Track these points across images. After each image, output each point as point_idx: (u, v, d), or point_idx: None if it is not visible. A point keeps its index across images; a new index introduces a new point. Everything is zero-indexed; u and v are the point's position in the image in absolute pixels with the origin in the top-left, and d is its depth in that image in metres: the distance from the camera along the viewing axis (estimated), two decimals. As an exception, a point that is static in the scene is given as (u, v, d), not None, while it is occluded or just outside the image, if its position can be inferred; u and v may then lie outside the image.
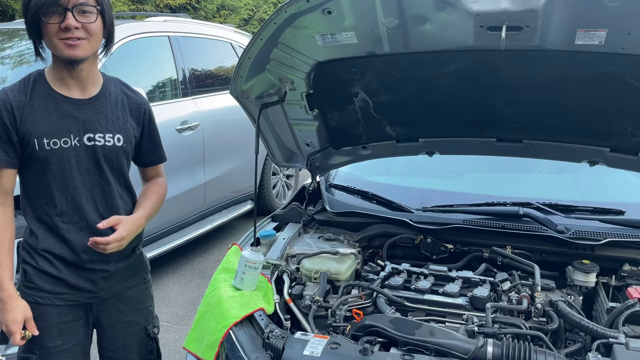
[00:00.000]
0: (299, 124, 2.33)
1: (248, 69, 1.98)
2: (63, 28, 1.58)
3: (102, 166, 1.75)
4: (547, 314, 1.81)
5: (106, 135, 1.73)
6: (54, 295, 1.75)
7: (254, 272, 1.89)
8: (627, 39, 1.64)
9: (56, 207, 1.72)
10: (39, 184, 1.71)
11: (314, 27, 1.83)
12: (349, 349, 1.55)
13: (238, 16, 10.47)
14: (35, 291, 1.74)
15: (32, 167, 1.69)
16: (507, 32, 1.66)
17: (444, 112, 2.21)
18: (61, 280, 1.74)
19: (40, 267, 1.73)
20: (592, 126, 2.11)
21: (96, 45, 1.68)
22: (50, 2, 1.56)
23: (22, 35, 4.18)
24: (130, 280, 1.91)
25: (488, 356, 1.54)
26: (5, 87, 1.68)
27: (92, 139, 1.71)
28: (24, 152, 1.67)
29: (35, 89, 1.67)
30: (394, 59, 1.97)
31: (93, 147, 1.72)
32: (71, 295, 1.77)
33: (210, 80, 4.89)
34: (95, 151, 1.72)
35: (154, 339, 2.01)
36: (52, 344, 1.75)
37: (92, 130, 1.71)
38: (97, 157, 1.73)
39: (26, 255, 1.76)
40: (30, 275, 1.74)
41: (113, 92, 1.80)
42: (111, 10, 1.72)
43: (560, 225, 2.17)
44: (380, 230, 2.36)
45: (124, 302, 1.90)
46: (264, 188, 5.46)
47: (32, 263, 1.74)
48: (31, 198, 1.74)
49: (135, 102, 1.85)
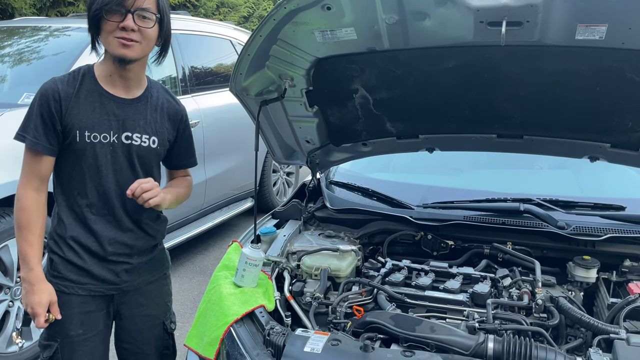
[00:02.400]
0: (299, 120, 2.33)
1: (247, 66, 1.97)
2: (121, 27, 1.66)
3: (135, 165, 1.82)
4: (548, 309, 1.80)
5: (143, 136, 1.81)
6: (78, 285, 1.80)
7: (254, 269, 1.88)
8: (627, 34, 1.63)
9: (87, 198, 1.78)
10: (74, 173, 1.77)
11: (314, 23, 1.82)
12: (349, 345, 1.54)
13: (238, 14, 10.46)
14: (60, 280, 1.80)
15: (69, 157, 1.76)
16: (507, 27, 1.65)
17: (444, 109, 2.21)
18: (85, 271, 1.80)
19: (67, 257, 1.79)
20: (593, 122, 2.10)
21: (148, 50, 1.76)
22: (116, 2, 1.64)
23: (22, 34, 4.17)
24: (151, 274, 1.96)
25: (489, 352, 1.54)
26: (55, 77, 1.74)
27: (130, 137, 1.79)
28: (64, 142, 1.73)
29: (83, 83, 1.74)
30: (393, 55, 1.96)
31: (129, 145, 1.79)
32: (94, 285, 1.82)
33: (210, 77, 4.89)
34: (130, 150, 1.80)
35: (170, 334, 2.06)
36: (73, 333, 1.80)
37: (131, 130, 1.79)
38: (132, 155, 1.80)
39: (53, 244, 1.81)
40: (57, 264, 1.80)
41: (155, 96, 1.87)
42: (170, 21, 1.80)
43: (561, 221, 2.17)
44: (381, 227, 2.36)
45: (144, 295, 1.94)
46: (265, 185, 5.46)
47: (59, 253, 1.79)
48: (64, 187, 1.79)
49: (174, 108, 1.93)
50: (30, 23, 4.50)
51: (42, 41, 4.03)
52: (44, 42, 4.02)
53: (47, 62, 3.79)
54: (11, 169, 2.94)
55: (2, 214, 2.89)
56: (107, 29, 1.68)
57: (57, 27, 4.15)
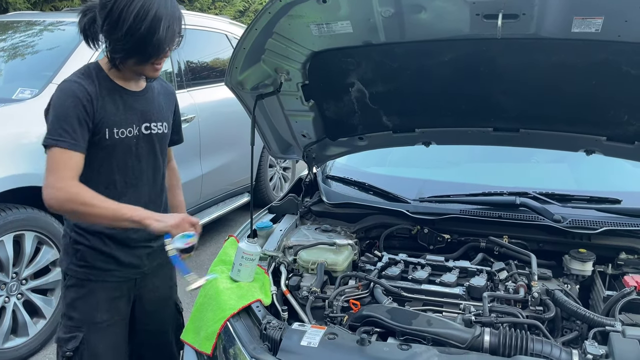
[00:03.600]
0: (295, 115, 2.32)
1: (243, 60, 1.96)
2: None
3: (157, 151, 1.92)
4: (544, 302, 1.81)
5: (158, 123, 1.90)
6: (105, 272, 1.85)
7: (251, 264, 1.88)
8: (623, 27, 1.63)
9: (116, 189, 1.83)
10: (102, 169, 1.81)
11: (309, 17, 1.81)
12: (346, 339, 1.55)
13: (233, 8, 10.41)
14: (87, 269, 1.84)
15: (97, 152, 1.78)
16: (503, 20, 1.64)
17: (440, 102, 2.20)
18: (112, 257, 1.85)
19: (93, 245, 1.83)
20: (589, 115, 2.10)
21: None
22: (163, 50, 1.70)
23: (16, 28, 4.15)
24: (164, 256, 1.97)
25: (485, 345, 1.55)
26: (74, 79, 1.73)
27: (149, 127, 1.87)
28: (91, 139, 1.75)
29: (100, 82, 1.76)
30: (389, 49, 1.96)
31: (150, 135, 1.88)
32: (120, 272, 1.88)
33: (206, 72, 4.87)
34: (152, 138, 1.88)
35: (180, 313, 2.18)
36: (99, 320, 1.85)
37: (149, 120, 1.87)
38: (154, 143, 1.89)
39: (77, 236, 1.83)
40: (83, 253, 1.83)
41: (153, 84, 1.95)
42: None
43: (557, 214, 2.17)
44: (377, 221, 2.36)
45: (160, 277, 2.04)
46: (261, 180, 5.45)
47: (85, 242, 1.83)
48: (90, 180, 1.78)
49: (168, 89, 2.04)
50: (24, 17, 4.47)
51: (37, 36, 4.01)
52: (38, 37, 3.99)
53: (42, 56, 3.78)
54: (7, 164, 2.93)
55: (-2, 209, 2.88)
56: (143, 64, 1.73)
57: (52, 22, 4.13)
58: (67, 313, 1.86)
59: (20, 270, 3.02)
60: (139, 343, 2.04)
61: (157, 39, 1.65)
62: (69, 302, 1.85)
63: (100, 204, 1.68)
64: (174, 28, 1.69)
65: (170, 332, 2.13)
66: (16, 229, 2.95)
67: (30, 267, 3.07)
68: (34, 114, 3.18)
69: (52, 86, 3.31)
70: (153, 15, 1.62)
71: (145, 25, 1.62)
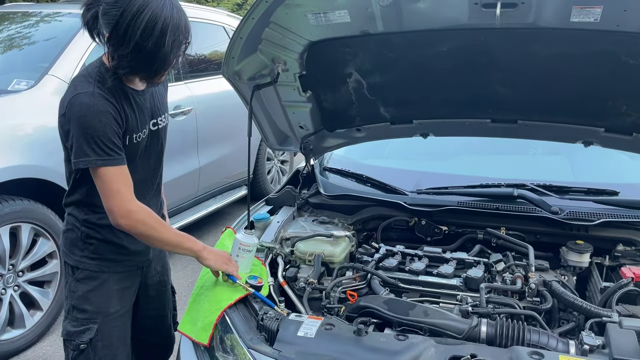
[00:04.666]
0: (292, 106, 2.31)
1: (240, 50, 1.95)
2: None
3: (163, 143, 1.92)
4: (541, 294, 1.81)
5: (162, 116, 1.89)
6: (116, 263, 1.87)
7: (248, 255, 1.88)
8: (622, 16, 1.62)
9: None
10: None
11: (306, 6, 1.80)
12: (343, 329, 1.54)
13: (231, 0, 10.36)
14: (100, 261, 1.84)
15: None
16: (501, 9, 1.64)
17: (438, 93, 2.19)
18: (123, 247, 1.85)
19: (105, 238, 1.83)
20: (587, 106, 2.09)
21: None
22: (170, 67, 1.68)
23: (12, 19, 4.12)
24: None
25: (482, 336, 1.55)
26: (95, 90, 1.64)
27: (156, 123, 1.86)
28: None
29: (113, 88, 1.69)
30: (387, 38, 1.94)
31: (157, 130, 1.87)
32: (129, 261, 1.90)
33: (204, 64, 4.84)
34: (158, 133, 1.88)
35: (174, 294, 2.24)
36: (112, 310, 1.87)
37: (156, 116, 1.85)
38: (161, 136, 1.90)
39: (88, 230, 1.83)
40: (96, 246, 1.83)
41: None
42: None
43: (555, 206, 2.17)
44: (375, 213, 2.35)
45: (159, 263, 2.07)
46: (259, 173, 5.44)
47: (97, 236, 1.82)
48: None
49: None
50: (21, 9, 4.44)
51: (33, 27, 3.98)
52: (34, 28, 3.96)
53: (38, 47, 3.75)
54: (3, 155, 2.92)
55: (-5, 201, 2.87)
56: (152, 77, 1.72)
57: (48, 13, 4.09)
58: (79, 306, 1.84)
59: (17, 262, 3.01)
60: (140, 328, 2.06)
61: (163, 54, 1.59)
62: (81, 295, 1.83)
63: (165, 228, 1.75)
64: (180, 40, 1.62)
65: (168, 316, 2.17)
66: (13, 220, 2.93)
67: (27, 259, 3.06)
68: (30, 105, 3.18)
69: (48, 77, 3.29)
70: (160, 30, 1.55)
71: (152, 42, 1.56)
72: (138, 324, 2.04)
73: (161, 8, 1.56)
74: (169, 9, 1.58)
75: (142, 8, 1.53)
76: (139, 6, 1.53)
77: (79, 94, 1.63)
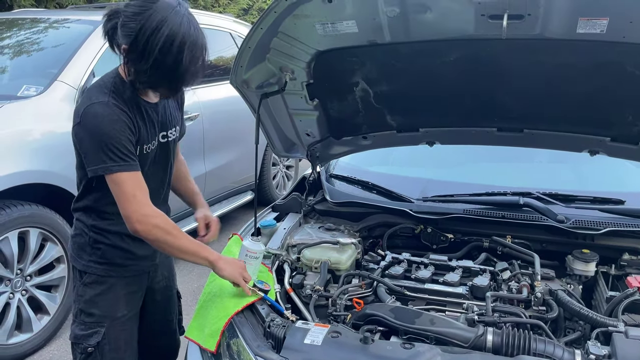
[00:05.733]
0: (300, 113, 2.33)
1: (248, 59, 1.97)
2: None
3: (171, 155, 1.95)
4: (547, 302, 1.81)
5: (172, 129, 1.91)
6: (123, 268, 1.88)
7: (254, 262, 1.89)
8: (628, 28, 1.63)
9: None
10: None
11: (315, 16, 1.82)
12: (349, 337, 1.55)
13: (237, 6, 10.41)
14: (108, 265, 1.86)
15: None
16: (508, 20, 1.65)
17: (444, 102, 2.20)
18: (130, 252, 1.88)
19: (113, 243, 1.85)
20: (593, 116, 2.10)
21: None
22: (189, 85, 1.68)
23: (21, 25, 4.16)
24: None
25: (488, 344, 1.55)
26: (111, 100, 1.66)
27: (166, 136, 1.88)
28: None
29: (127, 99, 1.71)
30: (394, 48, 1.96)
31: (166, 142, 1.89)
32: (136, 265, 1.92)
33: (210, 70, 4.86)
34: (168, 145, 1.91)
35: (180, 299, 2.26)
36: (120, 314, 1.89)
37: (165, 129, 1.87)
38: (169, 149, 1.92)
39: (96, 235, 1.85)
40: (104, 251, 1.85)
41: None
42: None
43: (561, 214, 2.17)
44: (381, 220, 2.36)
45: (165, 268, 2.10)
46: (264, 179, 5.46)
47: (105, 241, 1.85)
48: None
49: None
50: (29, 15, 4.48)
51: (42, 33, 4.02)
52: (43, 34, 4.00)
53: (47, 54, 3.78)
54: (12, 161, 2.94)
55: (2, 206, 2.89)
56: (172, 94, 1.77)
57: (57, 19, 4.13)
58: (87, 310, 1.86)
59: (24, 266, 3.03)
60: (146, 332, 2.08)
61: (181, 70, 1.59)
62: (89, 299, 1.86)
63: (182, 235, 1.75)
64: (197, 57, 1.62)
65: (173, 320, 2.20)
66: (21, 225, 2.96)
67: (34, 264, 3.08)
68: (40, 111, 3.21)
69: (57, 83, 3.32)
70: (178, 46, 1.56)
71: (171, 58, 1.57)
72: (144, 327, 2.07)
73: (179, 25, 1.57)
74: (187, 26, 1.59)
75: (161, 24, 1.55)
76: (158, 22, 1.55)
77: (94, 104, 1.66)
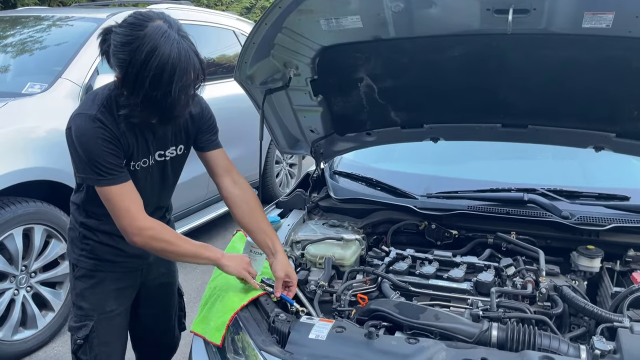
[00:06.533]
0: (304, 110, 2.33)
1: (252, 54, 1.97)
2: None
3: (168, 174, 1.89)
4: (552, 298, 1.81)
5: (171, 148, 1.84)
6: (113, 264, 1.88)
7: (259, 257, 1.89)
8: (634, 22, 1.62)
9: None
10: None
11: (319, 11, 1.81)
12: (354, 332, 1.55)
13: (240, 4, 10.41)
14: (97, 260, 1.86)
15: None
16: (513, 15, 1.65)
17: (449, 98, 2.20)
18: (120, 249, 1.86)
19: (101, 240, 1.85)
20: (598, 111, 2.10)
21: None
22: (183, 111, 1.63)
23: (25, 23, 4.17)
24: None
25: (493, 340, 1.55)
26: (94, 115, 1.62)
27: (162, 155, 1.83)
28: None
29: (116, 116, 1.65)
30: (399, 44, 1.96)
31: (163, 162, 1.84)
32: (127, 262, 1.91)
33: (213, 68, 4.87)
34: (165, 164, 1.86)
35: (181, 296, 2.25)
36: (109, 309, 1.89)
37: (163, 148, 1.82)
38: (166, 168, 1.87)
39: (86, 232, 1.85)
40: (93, 247, 1.86)
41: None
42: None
43: (565, 211, 2.17)
44: (385, 217, 2.36)
45: (165, 265, 2.08)
46: (267, 176, 5.46)
47: (94, 238, 1.85)
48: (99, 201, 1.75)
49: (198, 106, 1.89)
50: (32, 13, 4.49)
51: (45, 31, 4.02)
52: (46, 32, 4.01)
53: (51, 51, 3.79)
54: (17, 158, 2.95)
55: (7, 202, 2.90)
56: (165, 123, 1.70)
57: (60, 17, 4.14)
58: (77, 303, 1.89)
59: (29, 263, 3.04)
60: (142, 327, 2.09)
61: (171, 101, 1.54)
62: (79, 292, 1.88)
63: (180, 241, 1.75)
64: (187, 84, 1.55)
65: (173, 317, 2.19)
66: (26, 222, 2.96)
67: (39, 260, 3.09)
68: (44, 108, 3.21)
69: (61, 81, 3.33)
70: (167, 77, 1.50)
71: (161, 91, 1.51)
72: (140, 322, 2.08)
73: (168, 54, 1.49)
74: (176, 53, 1.50)
75: (149, 56, 1.48)
76: (146, 53, 1.48)
77: (81, 114, 1.64)
